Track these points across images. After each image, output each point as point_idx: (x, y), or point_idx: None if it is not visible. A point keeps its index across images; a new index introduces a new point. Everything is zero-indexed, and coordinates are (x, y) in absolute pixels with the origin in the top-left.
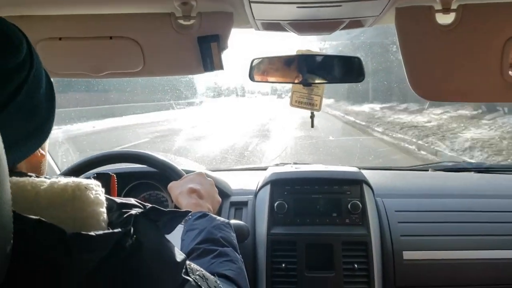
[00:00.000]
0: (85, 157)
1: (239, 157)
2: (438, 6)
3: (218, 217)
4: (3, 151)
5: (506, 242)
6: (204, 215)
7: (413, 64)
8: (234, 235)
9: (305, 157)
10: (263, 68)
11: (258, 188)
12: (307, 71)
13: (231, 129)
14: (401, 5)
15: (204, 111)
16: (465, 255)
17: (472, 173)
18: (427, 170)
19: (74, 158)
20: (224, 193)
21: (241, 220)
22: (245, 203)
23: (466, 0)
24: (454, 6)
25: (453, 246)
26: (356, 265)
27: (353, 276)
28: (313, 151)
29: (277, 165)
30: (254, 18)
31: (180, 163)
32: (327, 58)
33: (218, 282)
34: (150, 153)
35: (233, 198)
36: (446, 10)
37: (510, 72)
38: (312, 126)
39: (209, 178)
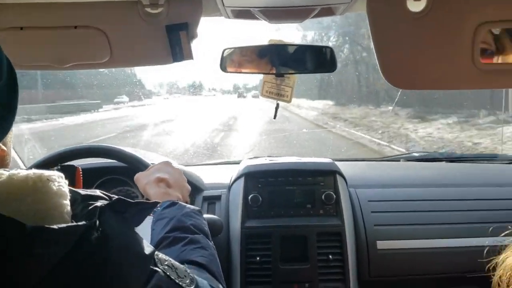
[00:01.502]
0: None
1: (212, 152)
2: None
3: (188, 205)
4: None
5: (477, 230)
6: (173, 204)
7: (385, 52)
8: (206, 222)
9: (279, 150)
10: (234, 59)
11: (231, 181)
12: (280, 62)
13: (201, 125)
14: None
15: (168, 108)
16: (438, 243)
17: (443, 162)
18: (399, 161)
19: (41, 155)
20: (196, 188)
21: (214, 214)
22: (218, 197)
23: None
24: None
25: (425, 235)
26: (330, 256)
27: (327, 267)
28: (286, 145)
29: (250, 159)
30: (223, 5)
31: (151, 159)
32: (300, 48)
33: (189, 271)
34: (118, 147)
35: (206, 193)
36: None
37: (481, 60)
38: (275, 117)
39: (176, 167)
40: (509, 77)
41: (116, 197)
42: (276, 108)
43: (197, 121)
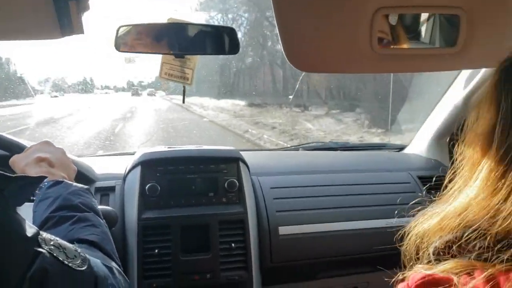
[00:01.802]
0: None
1: (105, 142)
2: None
3: (75, 183)
4: None
5: (372, 212)
6: (57, 183)
7: (288, 35)
8: (95, 200)
9: (178, 140)
10: (131, 37)
11: (127, 171)
12: (180, 42)
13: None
14: None
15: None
16: (336, 226)
17: (338, 151)
18: (298, 150)
19: None
20: (87, 179)
21: (108, 206)
22: (112, 188)
23: None
24: None
25: (325, 219)
26: (233, 244)
27: (229, 255)
28: (186, 134)
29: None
30: None
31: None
32: (200, 29)
33: (79, 250)
34: None
35: (99, 184)
36: None
37: (379, 45)
38: (184, 101)
39: (58, 147)
40: (404, 62)
41: None
42: (184, 92)
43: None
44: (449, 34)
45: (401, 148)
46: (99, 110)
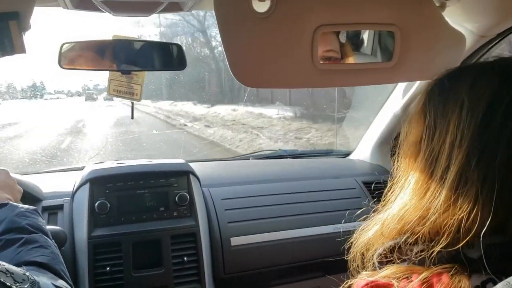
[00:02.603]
0: None
1: (52, 158)
2: None
3: (21, 205)
4: None
5: (320, 219)
6: (2, 205)
7: (233, 51)
8: (44, 221)
9: (128, 154)
10: (75, 54)
11: (75, 188)
12: (125, 58)
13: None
14: None
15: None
16: (286, 234)
17: (288, 159)
18: (249, 159)
19: None
20: (34, 198)
21: (56, 225)
22: (60, 207)
23: None
24: None
25: (276, 228)
26: (185, 258)
27: (182, 269)
28: (136, 147)
29: (96, 163)
30: None
31: None
32: (147, 45)
33: (27, 273)
34: None
35: (46, 202)
36: None
37: (320, 60)
38: (132, 117)
39: (1, 168)
40: (344, 76)
41: None
42: (132, 107)
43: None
44: (385, 49)
45: (347, 154)
46: (45, 120)
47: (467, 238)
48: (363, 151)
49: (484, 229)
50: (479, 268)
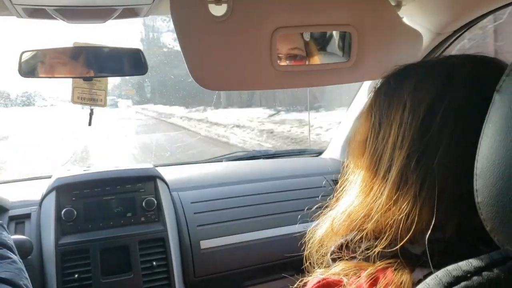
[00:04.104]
0: None
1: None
2: None
3: None
4: None
5: (292, 218)
6: None
7: (191, 54)
8: (9, 236)
9: (98, 160)
10: (35, 62)
11: (42, 197)
12: (87, 65)
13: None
14: None
15: None
16: (256, 235)
17: (261, 160)
18: (221, 161)
19: None
20: None
21: (24, 234)
22: (27, 216)
23: None
24: None
25: (246, 229)
26: (154, 263)
27: (152, 274)
28: (106, 153)
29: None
30: (11, 3)
31: None
32: (108, 51)
33: None
34: None
35: (12, 212)
36: (218, 1)
37: (278, 61)
38: (90, 124)
39: None
40: (304, 77)
41: None
42: (91, 114)
43: None
44: (345, 49)
45: (319, 153)
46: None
47: (408, 236)
48: (334, 149)
49: (423, 228)
50: (421, 263)
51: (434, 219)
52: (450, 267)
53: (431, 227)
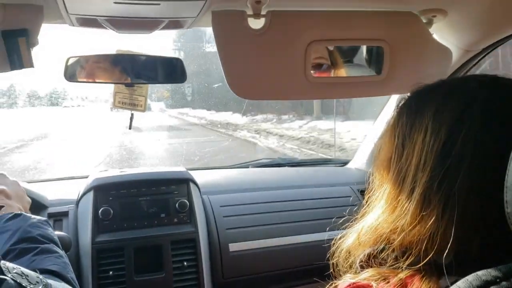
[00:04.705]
0: None
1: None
2: (249, 11)
3: (33, 216)
4: None
5: (317, 226)
6: (16, 215)
7: (230, 65)
8: (54, 232)
9: (131, 162)
10: (81, 68)
11: (79, 196)
12: (129, 71)
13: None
14: (216, 9)
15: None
16: (283, 241)
17: (286, 167)
18: (248, 167)
19: None
20: (40, 205)
21: (61, 231)
22: (65, 214)
23: (275, 7)
24: (263, 12)
25: (273, 234)
26: (185, 263)
27: (182, 274)
28: (139, 156)
29: (100, 172)
30: (67, 12)
31: None
32: (150, 59)
33: (41, 277)
34: None
35: (51, 209)
36: (256, 15)
37: (312, 72)
38: (130, 128)
39: (12, 178)
40: (335, 89)
41: None
42: (131, 119)
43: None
44: (375, 62)
45: (345, 163)
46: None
47: (433, 252)
48: (361, 159)
49: (448, 243)
50: (448, 272)
51: (459, 236)
52: (479, 272)
53: (457, 242)
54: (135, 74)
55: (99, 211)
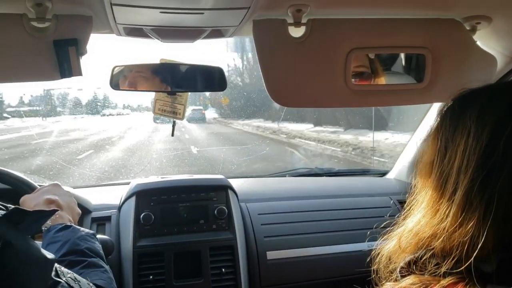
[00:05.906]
0: None
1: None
2: (290, 20)
3: (82, 228)
4: None
5: (356, 236)
6: (66, 227)
7: (270, 73)
8: (100, 245)
9: (170, 169)
10: (125, 76)
11: (122, 201)
12: (171, 80)
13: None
14: (257, 18)
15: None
16: (322, 250)
17: (324, 177)
18: (285, 176)
19: None
20: (84, 209)
21: (104, 235)
22: (108, 218)
23: (315, 15)
24: (304, 20)
25: (311, 243)
26: (223, 269)
27: (220, 280)
28: (178, 163)
29: (141, 178)
30: (115, 22)
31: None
32: (191, 68)
33: (91, 284)
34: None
35: (95, 214)
36: (297, 23)
37: (353, 80)
38: (173, 135)
39: (66, 190)
40: (376, 97)
41: (13, 206)
42: (173, 126)
43: None
44: (417, 70)
45: (383, 173)
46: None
47: (474, 256)
48: (400, 170)
49: (491, 248)
50: (492, 280)
51: (501, 240)
52: None
53: (502, 246)
54: (176, 83)
55: (141, 216)
